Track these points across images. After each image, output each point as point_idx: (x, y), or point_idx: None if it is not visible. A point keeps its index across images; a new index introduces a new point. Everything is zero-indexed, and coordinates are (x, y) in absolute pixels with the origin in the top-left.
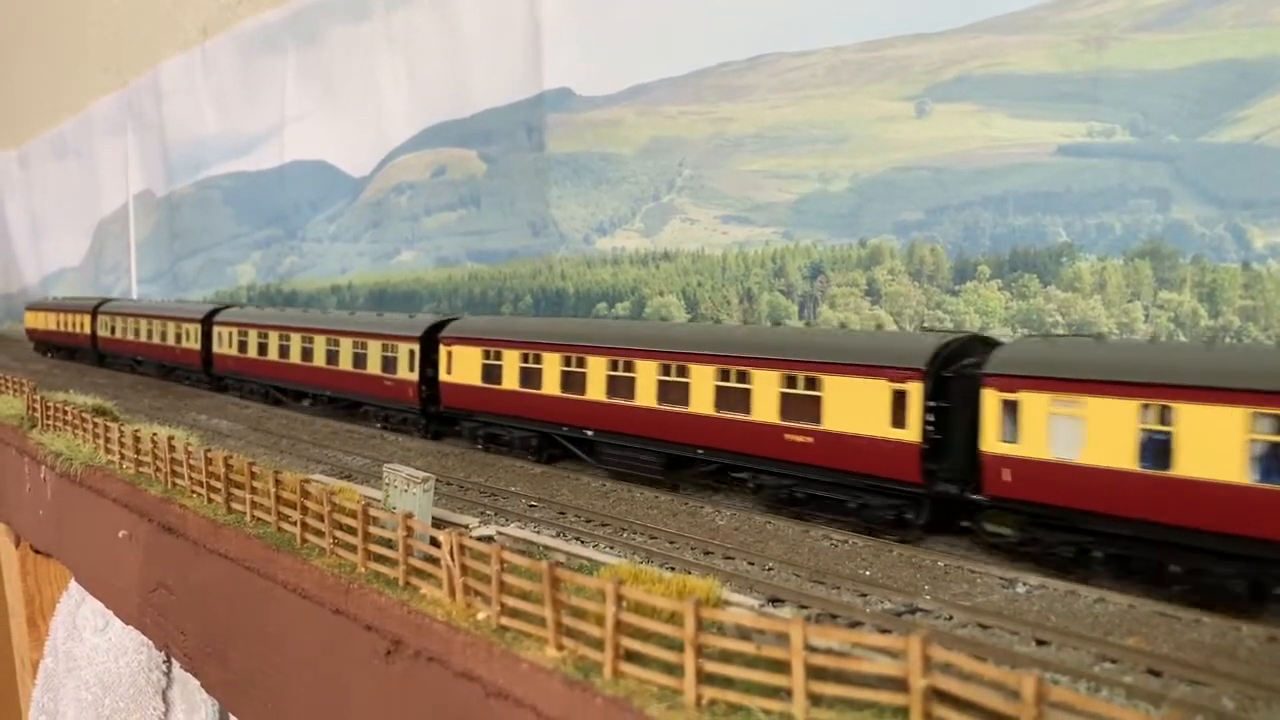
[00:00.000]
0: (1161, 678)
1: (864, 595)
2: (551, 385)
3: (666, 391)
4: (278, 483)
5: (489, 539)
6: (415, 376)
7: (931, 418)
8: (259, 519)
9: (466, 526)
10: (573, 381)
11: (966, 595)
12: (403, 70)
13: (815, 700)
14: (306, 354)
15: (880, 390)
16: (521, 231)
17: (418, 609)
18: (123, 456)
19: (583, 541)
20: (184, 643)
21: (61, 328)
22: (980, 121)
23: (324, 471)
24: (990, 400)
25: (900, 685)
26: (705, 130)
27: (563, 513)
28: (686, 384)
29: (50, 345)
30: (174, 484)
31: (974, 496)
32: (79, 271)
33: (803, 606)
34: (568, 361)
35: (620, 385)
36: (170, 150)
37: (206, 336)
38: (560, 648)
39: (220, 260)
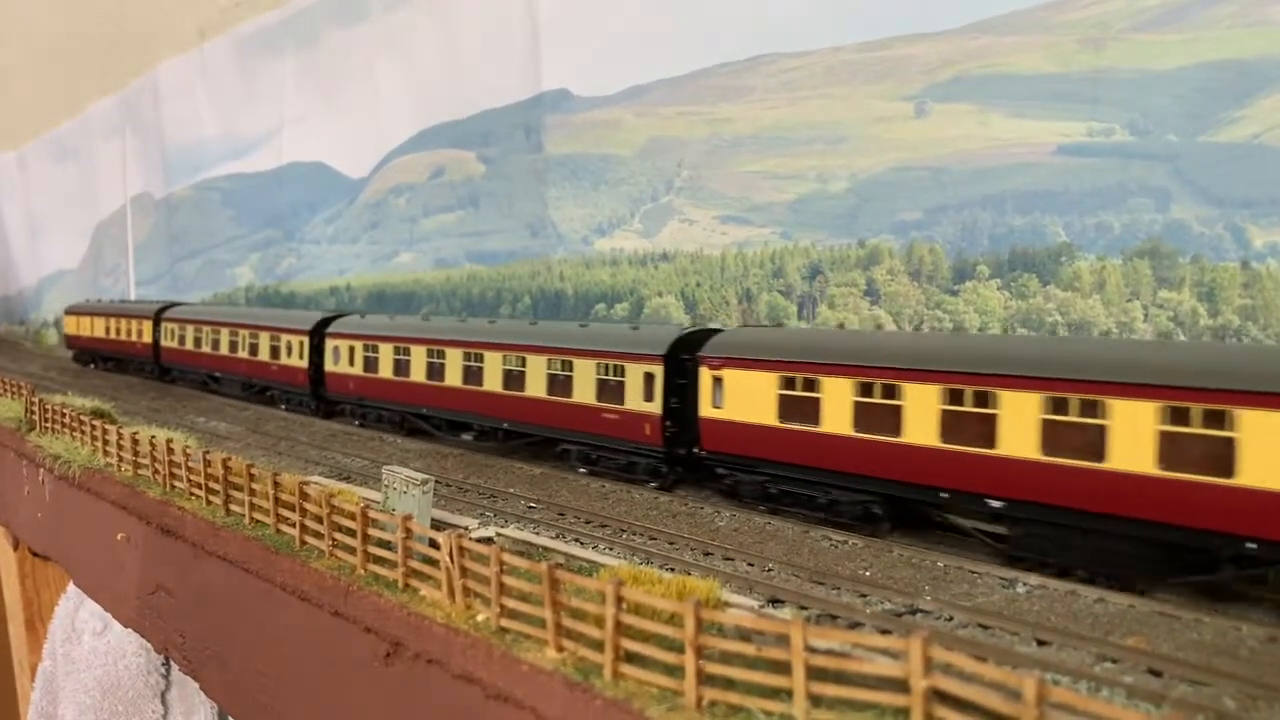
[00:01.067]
0: (1162, 678)
1: (864, 596)
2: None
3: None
4: (276, 485)
5: (488, 540)
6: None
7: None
8: (258, 521)
9: (466, 528)
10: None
11: (967, 595)
12: (401, 72)
13: (816, 701)
14: (473, 374)
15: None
16: (520, 233)
17: (417, 611)
18: (121, 459)
19: (582, 543)
20: (183, 645)
21: (113, 335)
22: (979, 121)
23: (323, 473)
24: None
25: (901, 686)
26: (704, 131)
27: (562, 514)
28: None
29: (96, 355)
30: (172, 486)
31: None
32: (77, 273)
33: (803, 607)
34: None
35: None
36: (168, 152)
37: (316, 351)
38: (560, 649)
39: (218, 262)
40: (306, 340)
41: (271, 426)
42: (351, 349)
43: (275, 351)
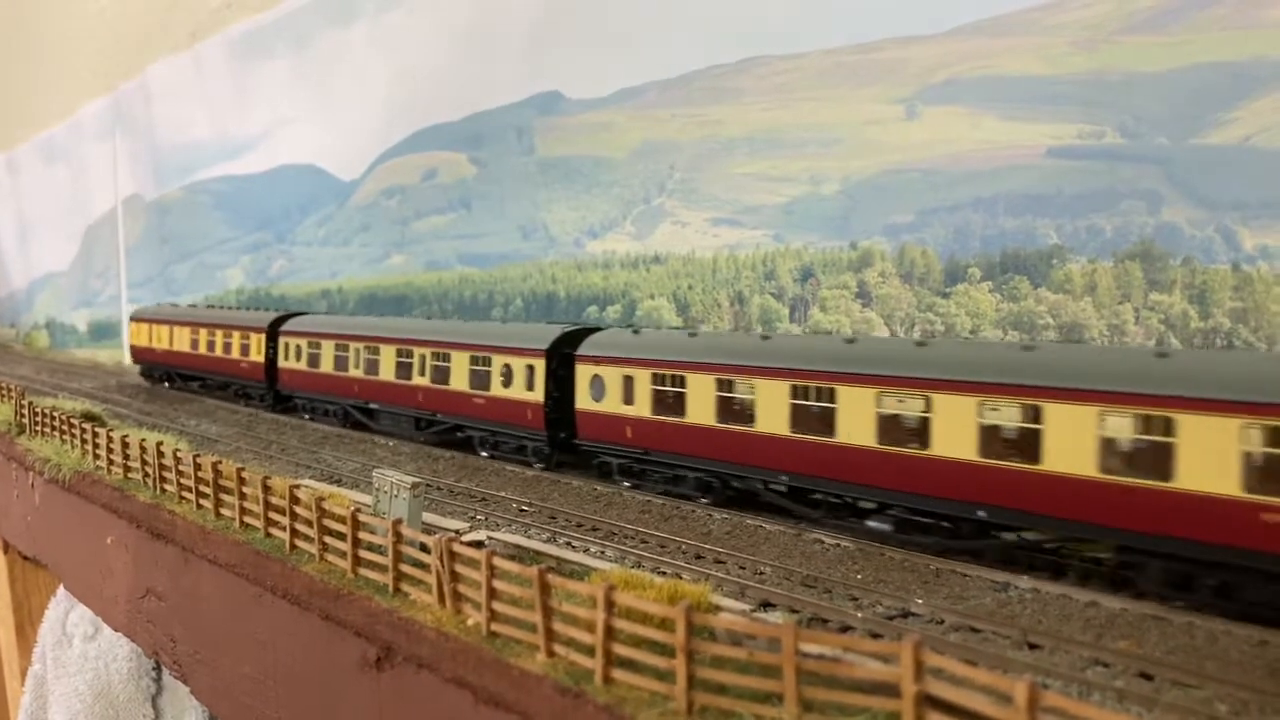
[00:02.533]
0: (1153, 681)
1: (855, 599)
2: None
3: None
4: (267, 488)
5: (479, 544)
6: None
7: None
8: (248, 525)
9: (457, 532)
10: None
11: (958, 598)
12: (393, 73)
13: (807, 706)
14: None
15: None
16: (512, 235)
17: (408, 615)
18: (111, 462)
19: (574, 547)
20: (173, 649)
21: (205, 350)
22: (970, 124)
23: (313, 477)
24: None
25: (892, 690)
26: (696, 133)
27: (553, 518)
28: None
29: (177, 373)
30: (163, 490)
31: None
32: (68, 276)
33: (794, 611)
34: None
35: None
36: (160, 154)
37: (556, 376)
38: (551, 654)
39: (210, 264)
40: (542, 364)
41: (262, 429)
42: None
43: (484, 379)
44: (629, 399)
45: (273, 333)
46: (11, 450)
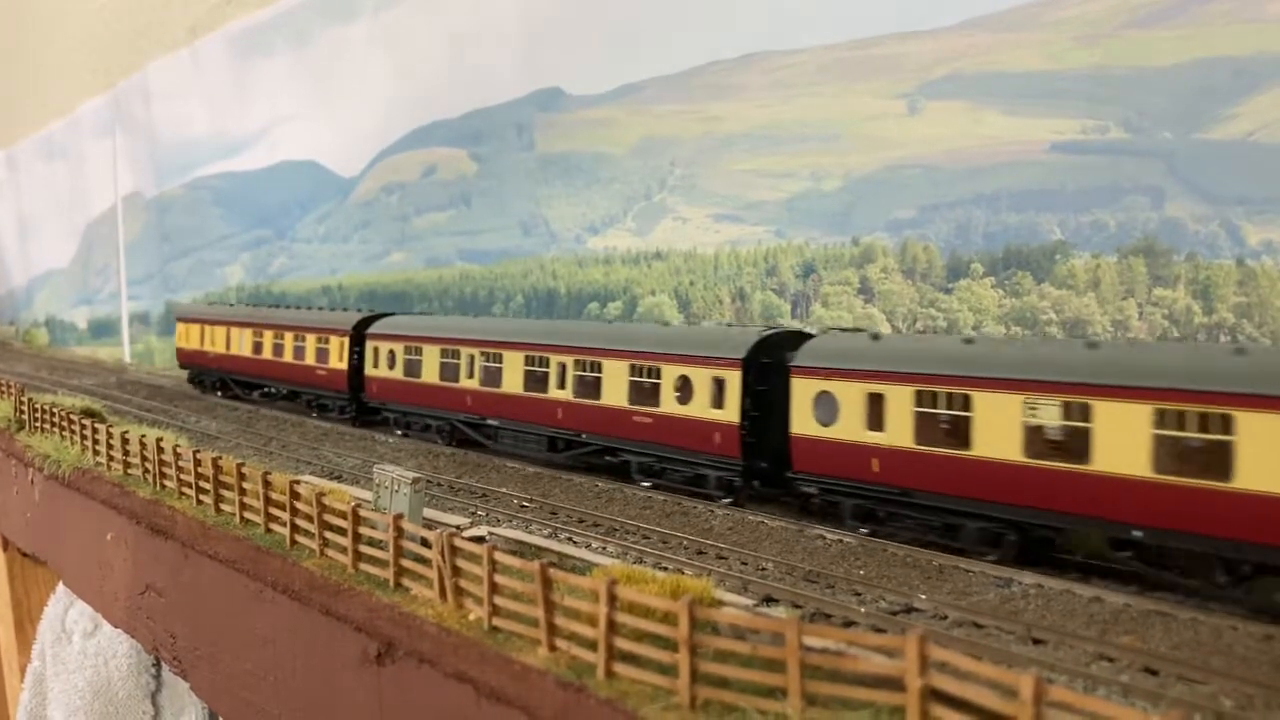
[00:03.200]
0: (1158, 676)
1: (858, 594)
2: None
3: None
4: (267, 484)
5: (480, 539)
6: None
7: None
8: (248, 520)
9: (458, 527)
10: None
11: (962, 594)
12: (392, 70)
13: (811, 700)
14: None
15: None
16: (512, 231)
17: (409, 610)
18: (111, 459)
19: (575, 542)
20: (173, 645)
21: (270, 355)
22: (973, 119)
23: (313, 473)
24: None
25: (896, 685)
26: (696, 129)
27: (554, 513)
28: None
29: (232, 380)
30: (162, 486)
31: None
32: (67, 273)
33: (797, 606)
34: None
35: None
36: (159, 151)
37: (754, 392)
38: (553, 649)
39: (209, 262)
40: (736, 377)
41: (262, 426)
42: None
43: (649, 393)
44: (877, 423)
45: (358, 335)
46: (11, 447)
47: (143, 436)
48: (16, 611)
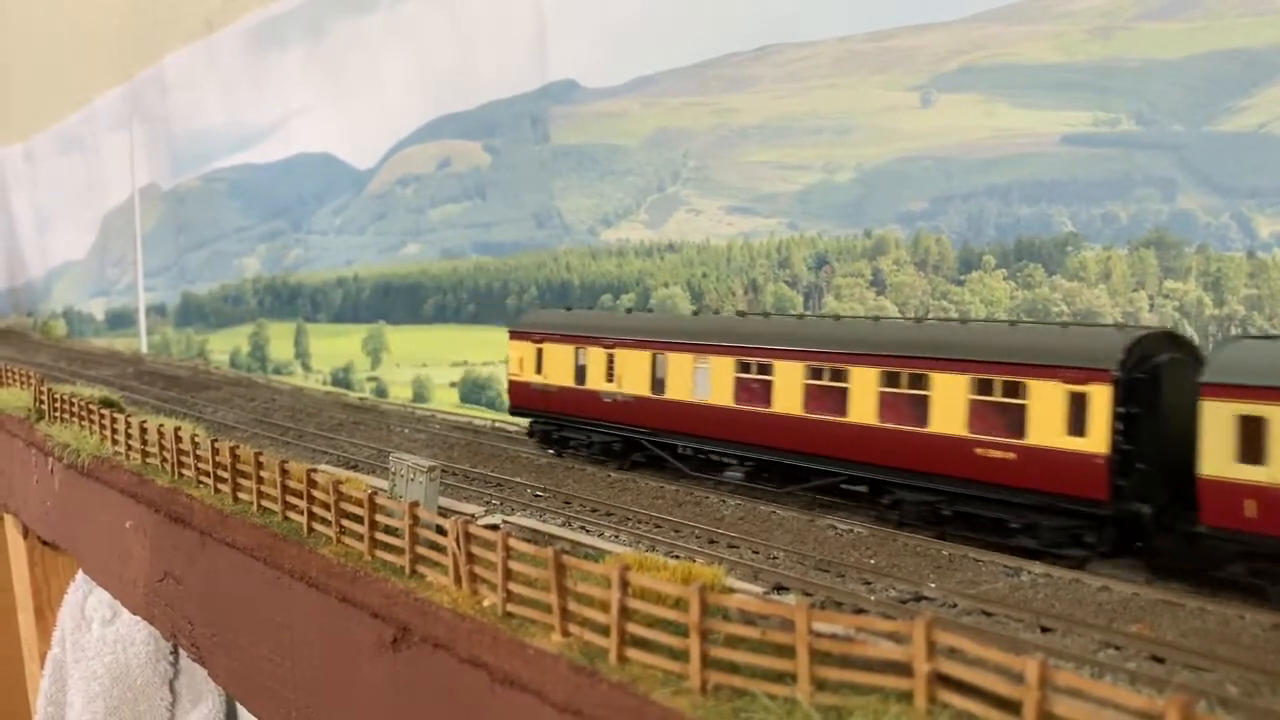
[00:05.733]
0: (1165, 664)
1: (869, 583)
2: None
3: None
4: (284, 472)
5: (495, 527)
6: None
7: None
8: (265, 509)
9: (472, 515)
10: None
11: (971, 583)
12: (408, 62)
13: (820, 685)
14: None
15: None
16: (526, 223)
17: (424, 596)
18: (129, 448)
19: (588, 531)
20: (191, 632)
21: (806, 408)
22: (985, 111)
23: (329, 462)
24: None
25: (905, 670)
26: (710, 121)
27: (568, 502)
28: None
29: (655, 441)
30: (180, 474)
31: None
32: (84, 265)
33: (808, 594)
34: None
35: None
36: (176, 143)
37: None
38: (566, 634)
39: (225, 253)
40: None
41: (278, 416)
42: None
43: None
44: None
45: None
46: (31, 436)
47: (160, 426)
48: (37, 599)
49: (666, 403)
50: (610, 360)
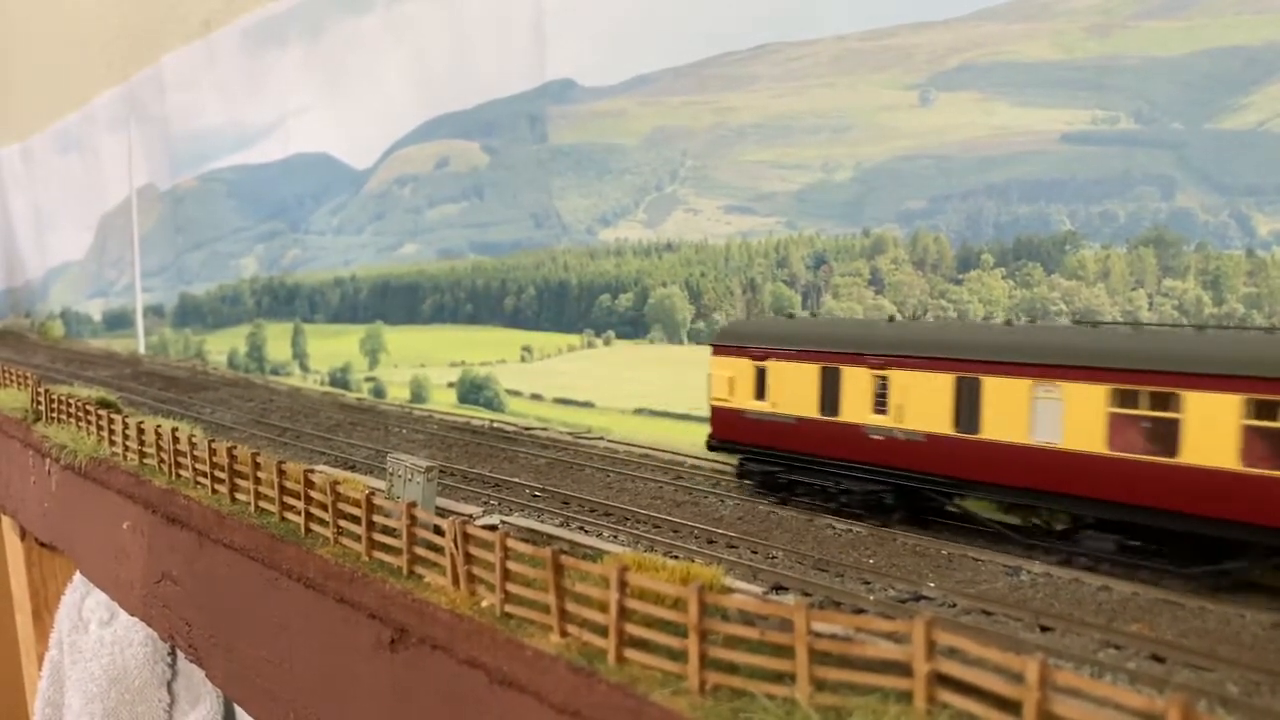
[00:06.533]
0: (1165, 664)
1: (868, 583)
2: None
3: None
4: (281, 473)
5: (493, 527)
6: None
7: None
8: (263, 509)
9: (470, 515)
10: None
11: (970, 583)
12: (405, 62)
13: (819, 685)
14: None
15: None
16: (524, 223)
17: (422, 597)
18: (127, 449)
19: (586, 531)
20: (189, 633)
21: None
22: (984, 110)
23: (327, 463)
24: None
25: (904, 669)
26: (708, 120)
27: (566, 503)
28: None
29: (938, 488)
30: (178, 475)
31: None
32: (82, 265)
33: (807, 594)
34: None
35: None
36: (174, 143)
37: None
38: (564, 634)
39: (223, 253)
40: None
41: (276, 417)
42: None
43: None
44: None
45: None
46: (28, 437)
47: (158, 426)
48: (34, 600)
49: (983, 444)
50: (882, 384)
